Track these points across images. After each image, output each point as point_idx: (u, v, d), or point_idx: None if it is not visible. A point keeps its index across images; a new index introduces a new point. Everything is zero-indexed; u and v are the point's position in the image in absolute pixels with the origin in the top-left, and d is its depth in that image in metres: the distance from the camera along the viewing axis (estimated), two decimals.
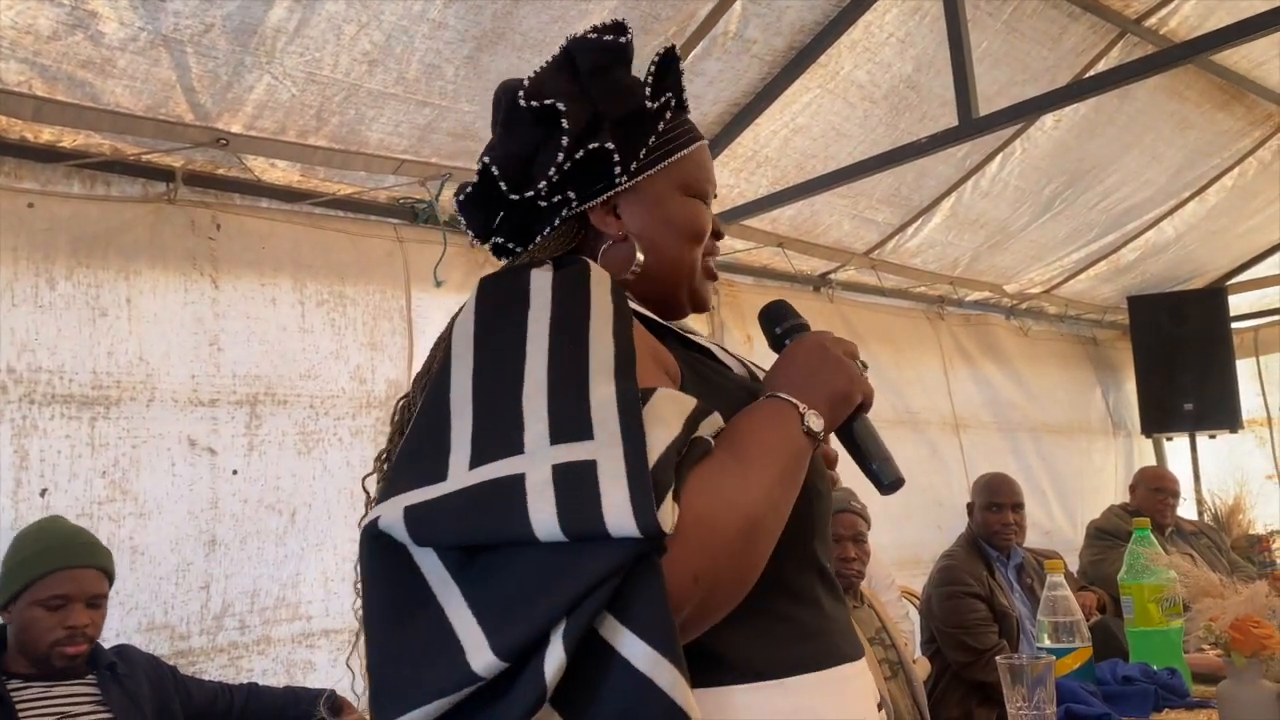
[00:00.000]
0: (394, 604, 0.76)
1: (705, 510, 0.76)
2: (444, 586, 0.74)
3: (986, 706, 3.35)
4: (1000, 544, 3.57)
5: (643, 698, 0.68)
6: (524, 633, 0.68)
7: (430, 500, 0.75)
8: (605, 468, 0.73)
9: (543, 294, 0.87)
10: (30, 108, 2.45)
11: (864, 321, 4.78)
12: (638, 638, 0.69)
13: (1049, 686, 1.63)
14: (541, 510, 0.71)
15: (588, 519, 0.70)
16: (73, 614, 2.05)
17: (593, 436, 0.75)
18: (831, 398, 0.91)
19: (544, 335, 0.83)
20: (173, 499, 2.68)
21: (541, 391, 0.79)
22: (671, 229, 1.05)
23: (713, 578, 0.76)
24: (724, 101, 3.47)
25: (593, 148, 0.99)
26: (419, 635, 0.72)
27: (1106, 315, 6.15)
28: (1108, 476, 5.97)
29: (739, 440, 0.84)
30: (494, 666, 0.68)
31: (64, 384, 2.53)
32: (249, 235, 2.93)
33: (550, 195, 1.02)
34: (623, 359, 0.82)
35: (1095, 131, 4.32)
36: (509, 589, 0.71)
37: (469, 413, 0.80)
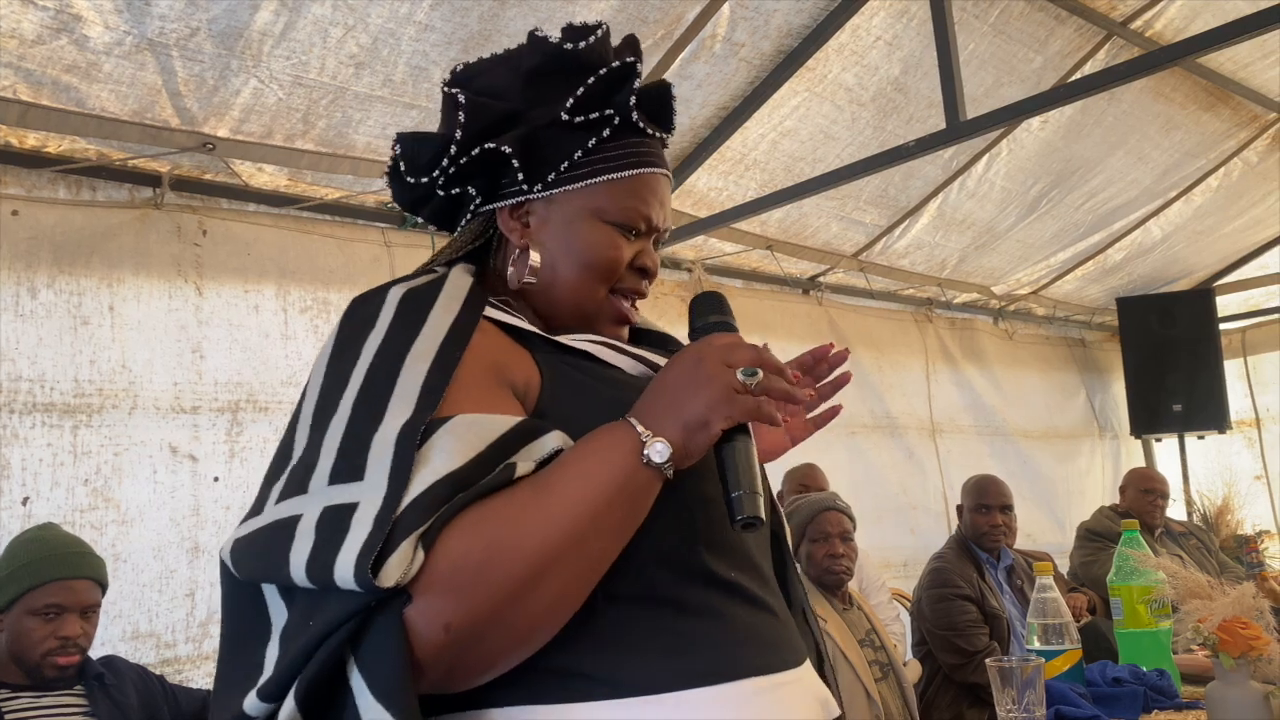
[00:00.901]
0: (234, 629, 0.79)
1: (466, 557, 0.72)
2: (278, 615, 0.76)
3: (977, 708, 3.35)
4: (989, 546, 3.57)
5: None
6: (277, 679, 0.70)
7: (246, 535, 0.77)
8: (361, 512, 0.72)
9: (387, 316, 0.85)
10: (15, 113, 2.44)
11: (851, 325, 4.79)
12: (365, 685, 0.69)
13: (1038, 689, 1.63)
14: (299, 554, 0.72)
15: (324, 568, 0.70)
16: (66, 624, 2.04)
17: (363, 478, 0.74)
18: (686, 424, 0.80)
19: (366, 364, 0.82)
20: (155, 506, 2.67)
21: (341, 426, 0.79)
22: (570, 254, 0.97)
23: (474, 626, 0.72)
24: (712, 105, 3.47)
25: (488, 147, 0.94)
26: (243, 662, 0.75)
27: (1095, 316, 6.17)
28: (1094, 479, 5.99)
29: (553, 470, 0.78)
30: (257, 708, 0.71)
31: (45, 393, 2.52)
32: (235, 241, 2.92)
33: (448, 187, 0.98)
34: (430, 384, 0.79)
35: (1082, 132, 4.33)
36: (295, 627, 0.73)
37: (304, 443, 0.81)
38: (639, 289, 1.02)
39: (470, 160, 0.95)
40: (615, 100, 0.97)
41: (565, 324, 0.99)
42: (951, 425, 5.19)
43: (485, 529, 0.73)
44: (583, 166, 0.97)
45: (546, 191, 0.97)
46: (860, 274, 4.74)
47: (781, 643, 0.90)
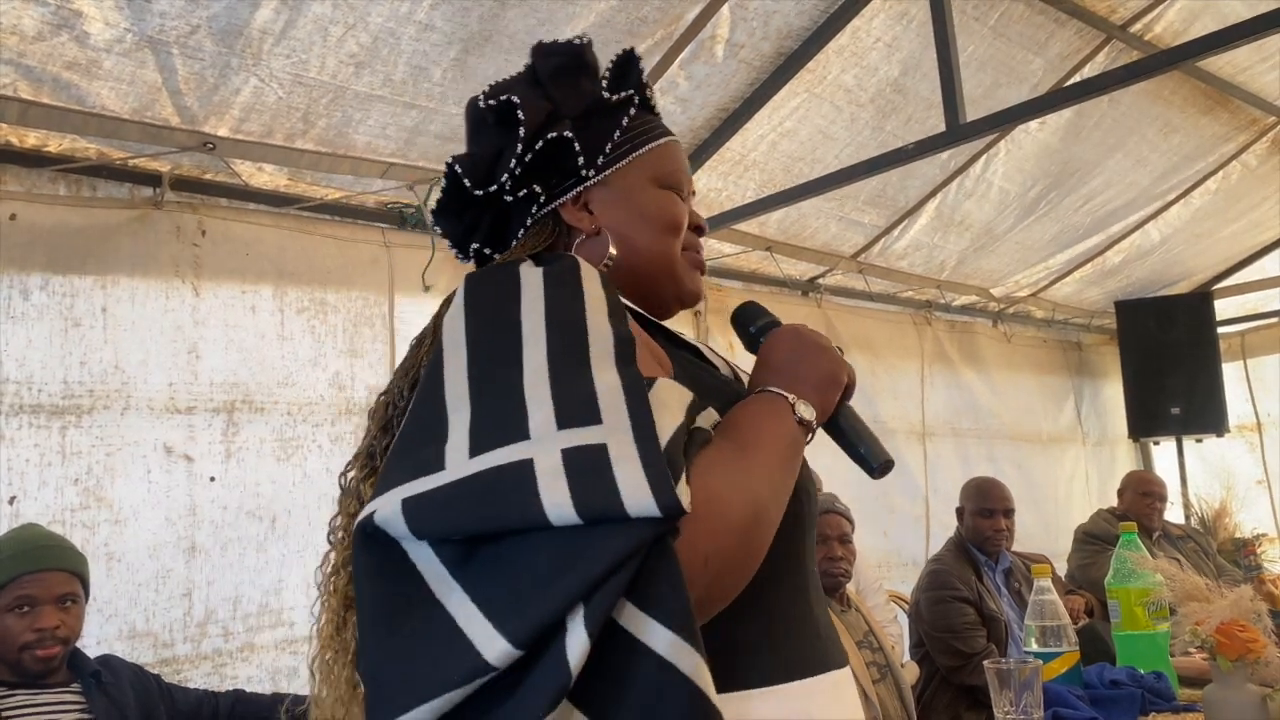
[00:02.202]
0: (390, 603, 0.72)
1: (714, 492, 0.75)
2: (442, 583, 0.71)
3: (975, 710, 3.35)
4: (990, 549, 3.57)
5: (666, 683, 0.66)
6: (540, 618, 0.65)
7: (429, 490, 0.72)
8: (617, 451, 0.71)
9: (534, 286, 0.85)
10: (16, 111, 2.44)
11: (849, 327, 4.79)
12: (658, 622, 0.67)
13: (1036, 691, 1.63)
14: (555, 494, 0.68)
15: (605, 500, 0.68)
16: (41, 616, 2.03)
17: (601, 421, 0.73)
18: (819, 383, 0.91)
19: (540, 325, 0.81)
20: (149, 506, 2.67)
21: (543, 379, 0.77)
22: (645, 221, 1.04)
23: (721, 561, 0.75)
24: (711, 106, 3.47)
25: (551, 137, 1.00)
26: (418, 633, 0.69)
27: (1094, 320, 6.18)
28: (1078, 484, 5.99)
29: (737, 430, 0.84)
30: (508, 655, 0.65)
31: (32, 394, 2.52)
32: (234, 241, 2.92)
33: (515, 189, 1.02)
34: (622, 346, 0.81)
35: (1080, 135, 4.34)
36: (517, 578, 0.68)
37: (466, 405, 0.78)
38: (699, 244, 1.11)
39: (535, 155, 1.00)
40: (631, 80, 1.07)
41: (652, 295, 1.07)
42: (943, 429, 5.19)
43: (720, 471, 0.77)
44: (624, 144, 1.05)
45: (600, 174, 1.04)
46: (859, 275, 4.74)
47: (837, 638, 0.96)
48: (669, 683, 0.66)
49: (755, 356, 1.00)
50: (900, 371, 5.03)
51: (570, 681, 0.64)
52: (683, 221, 1.07)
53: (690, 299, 1.09)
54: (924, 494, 4.94)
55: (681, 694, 0.66)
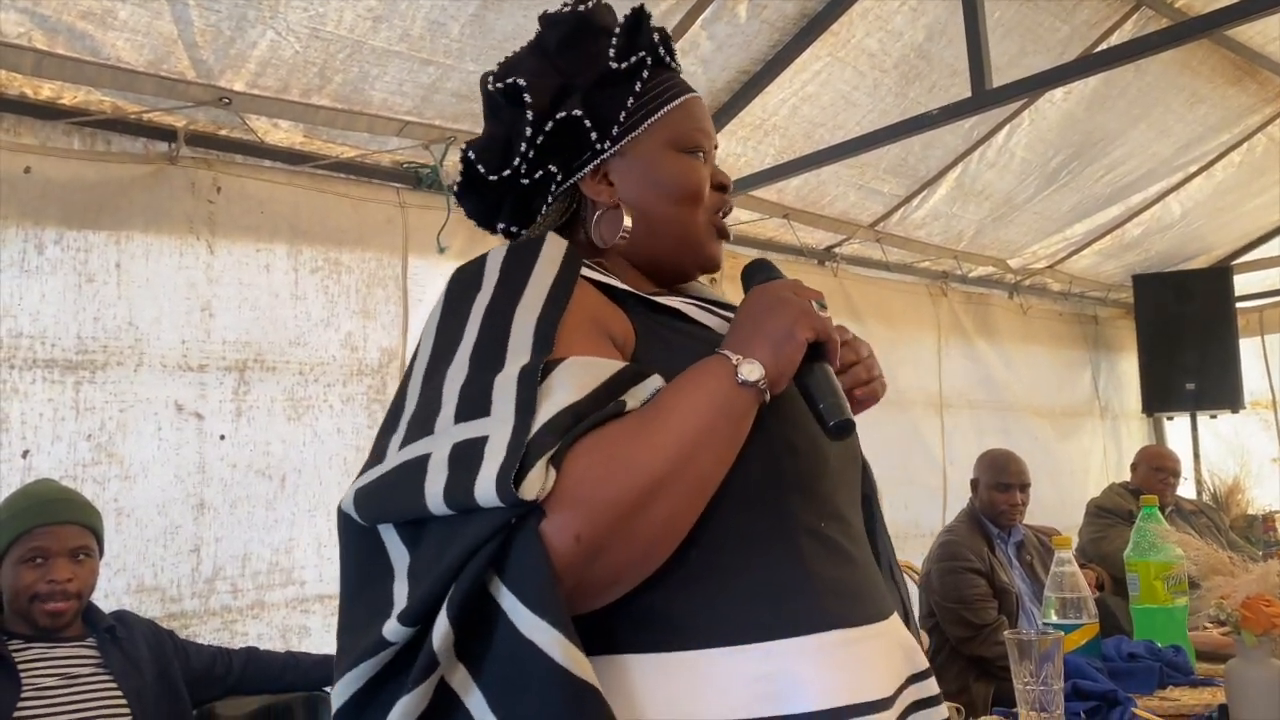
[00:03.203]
0: (358, 577, 0.82)
1: (588, 471, 0.76)
2: (400, 559, 0.79)
3: (984, 681, 3.35)
4: (1005, 523, 3.57)
5: (527, 658, 0.72)
6: (420, 599, 0.73)
7: (369, 481, 0.81)
8: (492, 442, 0.76)
9: (492, 276, 0.90)
10: (31, 61, 2.40)
11: (865, 297, 4.75)
12: (518, 600, 0.73)
13: (1057, 662, 1.61)
14: (434, 486, 0.75)
15: (463, 492, 0.74)
16: (53, 569, 2.04)
17: (489, 413, 0.78)
18: (775, 341, 0.86)
19: (478, 319, 0.87)
20: (159, 462, 2.67)
21: (461, 373, 0.83)
22: (662, 190, 1.02)
23: (598, 538, 0.75)
24: (732, 68, 3.41)
25: (560, 118, 0.99)
26: (368, 605, 0.78)
27: (1110, 293, 6.13)
28: (1095, 458, 5.98)
29: (657, 399, 0.83)
30: (398, 632, 0.73)
31: (46, 349, 2.51)
32: (249, 199, 2.89)
33: (531, 172, 1.02)
34: (542, 331, 0.84)
35: (1105, 104, 4.27)
36: (425, 559, 0.76)
37: (415, 398, 0.85)
38: (725, 203, 1.08)
39: (546, 136, 1.00)
40: (642, 42, 1.03)
41: (672, 264, 1.06)
42: (960, 401, 5.17)
43: (605, 447, 0.78)
44: (639, 111, 1.03)
45: (616, 145, 1.02)
46: (876, 245, 4.69)
47: (866, 595, 0.92)
48: (527, 655, 0.72)
49: None
50: (917, 343, 5.00)
51: (435, 662, 0.73)
52: (703, 188, 1.04)
53: (711, 265, 1.08)
54: (941, 465, 4.93)
55: (539, 666, 0.71)
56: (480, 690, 0.74)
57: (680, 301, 1.02)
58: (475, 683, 0.74)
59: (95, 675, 2.06)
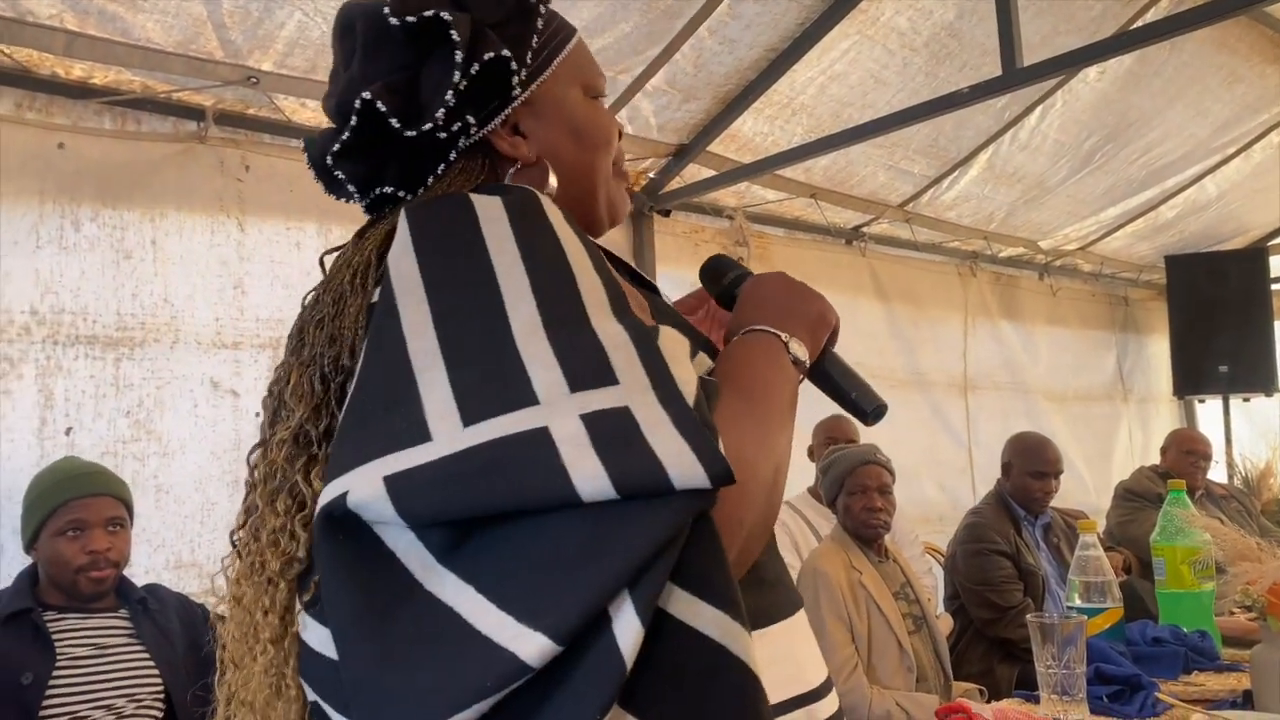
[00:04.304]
0: (372, 600, 0.63)
1: (742, 453, 0.68)
2: (430, 573, 0.62)
3: (1008, 663, 3.34)
4: (1036, 509, 3.55)
5: (720, 668, 0.60)
6: (583, 609, 0.57)
7: (420, 466, 0.62)
8: (643, 415, 0.62)
9: (497, 219, 0.73)
10: (62, 42, 2.43)
11: (893, 278, 4.73)
12: (707, 604, 0.60)
13: (1080, 646, 1.61)
14: (583, 465, 0.60)
15: (646, 471, 0.60)
16: (92, 539, 2.08)
17: (618, 381, 0.64)
18: (810, 323, 0.86)
19: (517, 268, 0.69)
20: (196, 439, 2.70)
21: (536, 333, 0.66)
22: (579, 137, 0.91)
23: (754, 527, 0.71)
24: (760, 46, 3.39)
25: (488, 58, 0.83)
26: (418, 634, 0.61)
27: (1142, 275, 6.05)
28: (1121, 441, 5.93)
29: (739, 379, 0.77)
30: (549, 652, 0.57)
31: (87, 325, 2.54)
32: (277, 177, 2.91)
33: (450, 123, 0.84)
34: (614, 293, 0.71)
35: (1140, 84, 4.21)
36: (540, 565, 0.59)
37: (440, 364, 0.66)
38: (622, 155, 0.99)
39: (471, 81, 0.83)
40: None
41: (590, 219, 0.94)
42: (986, 382, 5.14)
43: (739, 428, 0.71)
44: (543, 49, 0.90)
45: (525, 90, 0.89)
46: (905, 225, 4.66)
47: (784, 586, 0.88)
48: (723, 667, 0.60)
49: (728, 310, 0.94)
50: (943, 323, 4.97)
51: (626, 672, 0.57)
52: (615, 134, 0.95)
53: (619, 216, 0.98)
54: (966, 446, 4.90)
55: (736, 677, 0.60)
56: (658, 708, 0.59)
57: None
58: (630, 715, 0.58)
59: (128, 646, 2.10)
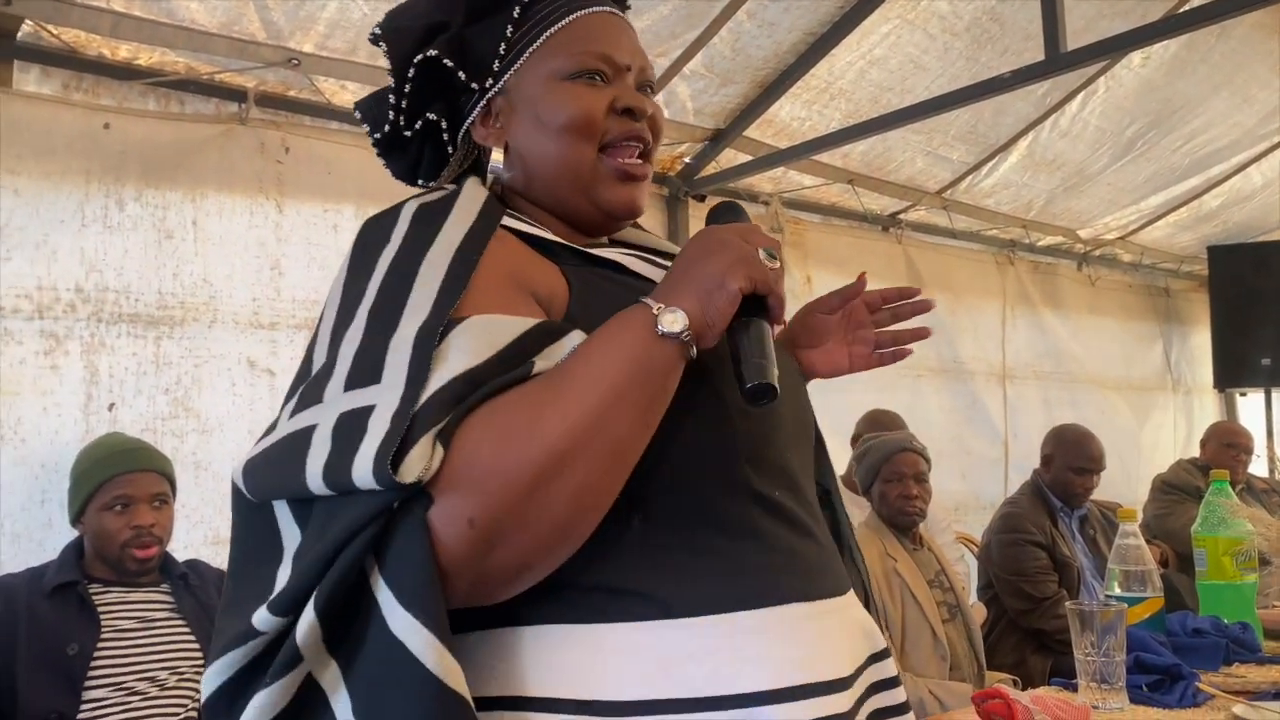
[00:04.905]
0: (244, 555, 0.77)
1: (480, 447, 0.68)
2: (291, 539, 0.73)
3: (1041, 654, 3.32)
4: (1076, 504, 3.52)
5: (395, 660, 0.65)
6: (293, 588, 0.67)
7: (258, 454, 0.75)
8: (378, 413, 0.69)
9: (401, 229, 0.82)
10: (108, 22, 2.45)
11: (929, 265, 4.68)
12: (393, 596, 0.66)
13: (1119, 635, 1.60)
14: (315, 461, 0.69)
15: (342, 469, 0.67)
16: (137, 514, 2.11)
17: (380, 380, 0.71)
18: (703, 288, 0.76)
19: (380, 275, 0.79)
20: (233, 418, 2.74)
21: (357, 335, 0.75)
22: (542, 125, 0.91)
23: (496, 522, 0.68)
24: (799, 30, 3.36)
25: (417, 61, 0.91)
26: (250, 586, 0.72)
27: (1183, 265, 5.96)
28: (1166, 433, 5.86)
29: (565, 361, 0.74)
30: (268, 622, 0.67)
31: (130, 303, 2.58)
32: (316, 159, 2.93)
33: (410, 123, 0.95)
34: (446, 289, 0.75)
35: (1185, 70, 4.13)
36: (308, 542, 0.70)
37: (320, 361, 0.78)
38: (632, 132, 0.92)
39: (411, 83, 0.92)
40: None
41: (568, 210, 0.94)
42: (1025, 372, 5.09)
43: (500, 419, 0.69)
44: (519, 42, 0.92)
45: (498, 83, 0.93)
46: (943, 212, 4.62)
47: (824, 569, 0.85)
48: (397, 659, 0.65)
49: None
50: (980, 312, 4.93)
51: (297, 657, 0.66)
52: (587, 116, 0.90)
53: (615, 208, 0.93)
54: (1003, 437, 4.86)
55: (409, 672, 0.65)
56: (347, 691, 0.67)
57: (618, 253, 0.93)
58: (344, 682, 0.68)
59: (170, 619, 2.13)
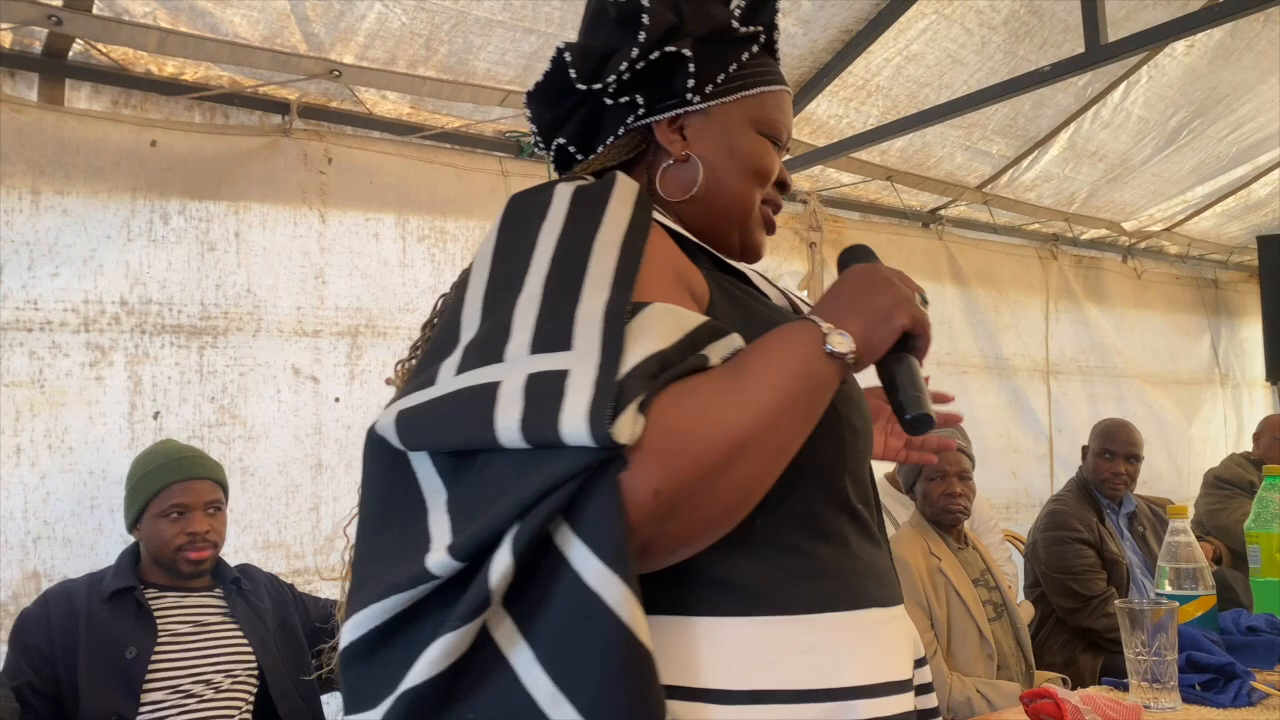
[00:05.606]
0: (383, 507, 0.78)
1: (676, 424, 0.72)
2: (434, 492, 0.75)
3: (1091, 653, 3.28)
4: (1109, 492, 3.46)
5: (588, 611, 0.67)
6: (477, 534, 0.68)
7: (418, 405, 0.76)
8: (575, 377, 0.71)
9: (560, 208, 0.85)
10: (155, 39, 2.51)
11: (971, 261, 4.64)
12: (588, 550, 0.68)
13: (1170, 633, 1.58)
14: (507, 416, 0.70)
15: (545, 425, 0.69)
16: (193, 521, 2.16)
17: (571, 347, 0.74)
18: (870, 317, 0.84)
19: (550, 248, 0.81)
20: (279, 424, 2.79)
21: (534, 302, 0.78)
22: (736, 161, 1.01)
23: (678, 495, 0.71)
24: (835, 27, 3.35)
25: (669, 51, 0.96)
26: (397, 537, 0.74)
27: (1232, 256, 5.85)
28: (1216, 427, 5.75)
29: (743, 358, 0.79)
30: (446, 565, 0.68)
31: (173, 315, 2.64)
32: (358, 169, 2.97)
33: (619, 94, 0.99)
34: (623, 271, 0.80)
35: (1231, 57, 4.06)
36: (478, 494, 0.71)
37: (476, 323, 0.80)
38: (778, 201, 1.08)
39: (648, 65, 0.97)
40: (763, 18, 1.03)
41: (721, 235, 1.03)
42: (1070, 367, 5.02)
43: (692, 401, 0.74)
44: (737, 80, 1.02)
45: (705, 103, 1.01)
46: (984, 207, 4.57)
47: (891, 579, 0.93)
48: (591, 610, 0.67)
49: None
50: (1024, 307, 4.87)
51: (489, 599, 0.67)
52: (772, 172, 1.04)
53: (753, 253, 1.06)
54: (1048, 433, 4.81)
55: (603, 623, 0.67)
56: (529, 645, 0.69)
57: (746, 267, 1.01)
58: (523, 636, 0.69)
59: (223, 623, 2.18)
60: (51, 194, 2.48)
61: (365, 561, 0.76)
